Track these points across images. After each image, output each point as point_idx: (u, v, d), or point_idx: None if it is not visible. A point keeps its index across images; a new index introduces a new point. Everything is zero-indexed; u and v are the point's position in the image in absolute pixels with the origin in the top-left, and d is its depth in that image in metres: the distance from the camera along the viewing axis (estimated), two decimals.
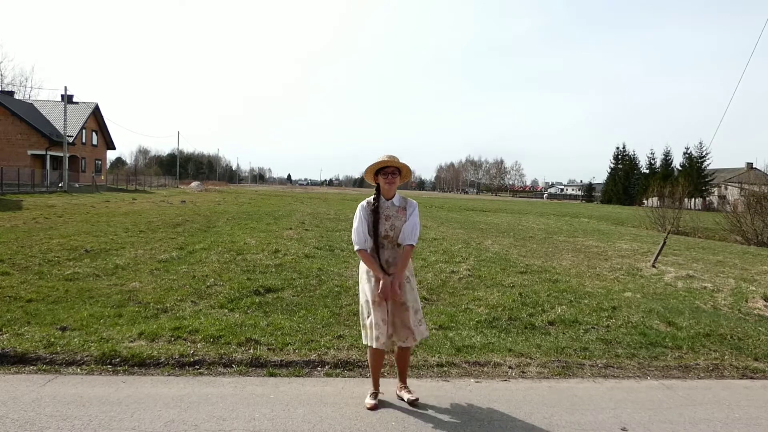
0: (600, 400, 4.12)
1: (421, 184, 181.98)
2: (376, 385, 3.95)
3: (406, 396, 3.91)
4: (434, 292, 7.38)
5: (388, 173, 3.83)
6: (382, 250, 3.83)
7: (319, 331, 5.39)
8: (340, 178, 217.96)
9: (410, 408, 3.82)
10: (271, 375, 4.36)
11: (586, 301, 7.11)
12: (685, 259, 12.45)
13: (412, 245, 3.81)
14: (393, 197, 3.89)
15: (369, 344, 3.76)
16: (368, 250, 3.81)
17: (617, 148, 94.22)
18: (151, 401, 3.73)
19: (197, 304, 6.23)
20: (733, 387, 4.57)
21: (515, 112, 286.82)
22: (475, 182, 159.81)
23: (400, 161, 3.88)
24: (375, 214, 3.82)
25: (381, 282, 3.69)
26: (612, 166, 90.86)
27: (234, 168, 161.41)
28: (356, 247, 3.82)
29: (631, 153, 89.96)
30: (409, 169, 3.98)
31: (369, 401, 3.83)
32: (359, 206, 3.89)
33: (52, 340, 4.72)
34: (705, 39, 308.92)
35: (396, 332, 3.81)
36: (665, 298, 7.69)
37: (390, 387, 4.07)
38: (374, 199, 3.88)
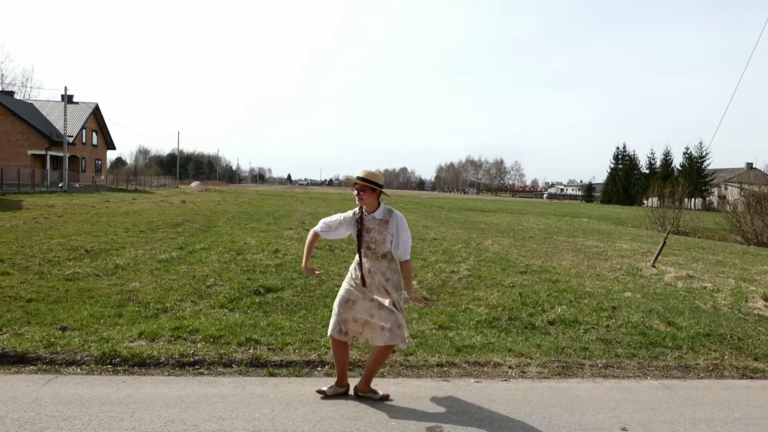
0: (600, 400, 4.12)
1: (421, 184, 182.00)
2: (339, 377, 3.99)
3: (374, 396, 3.92)
4: (434, 292, 7.38)
5: (357, 190, 3.87)
6: (366, 260, 3.88)
7: (319, 331, 5.39)
8: (340, 178, 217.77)
9: (410, 408, 3.82)
10: (271, 375, 4.36)
11: (586, 301, 7.11)
12: (685, 259, 12.45)
13: (407, 260, 3.94)
14: (375, 211, 3.90)
15: (329, 334, 3.95)
16: (320, 235, 4.05)
17: (617, 148, 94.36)
18: (151, 401, 3.73)
19: (197, 304, 6.23)
20: (733, 387, 4.57)
21: (515, 112, 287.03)
22: (475, 182, 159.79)
23: (368, 179, 3.81)
24: (359, 224, 3.88)
25: (305, 266, 3.99)
26: (612, 166, 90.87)
27: (234, 168, 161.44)
28: (316, 228, 4.04)
29: (631, 153, 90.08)
30: (379, 187, 3.86)
31: (321, 387, 3.95)
32: (348, 212, 4.02)
33: (52, 340, 4.72)
34: (705, 39, 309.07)
35: (366, 332, 3.83)
36: (665, 298, 7.69)
37: (391, 387, 4.06)
38: (359, 211, 3.94)
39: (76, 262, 8.45)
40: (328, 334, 3.95)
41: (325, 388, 3.96)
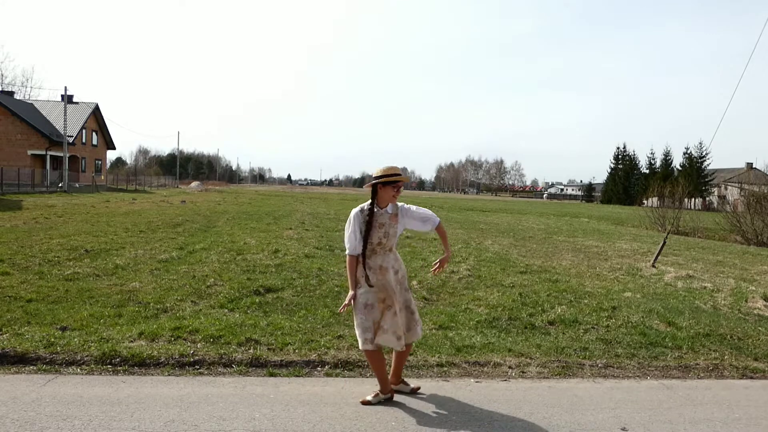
0: (600, 400, 4.12)
1: (421, 184, 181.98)
2: (386, 381, 3.90)
3: (406, 388, 4.01)
4: (434, 292, 7.38)
5: (399, 186, 3.86)
6: (375, 256, 3.85)
7: (319, 331, 5.39)
8: (340, 178, 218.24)
9: (410, 408, 3.82)
10: (271, 375, 4.36)
11: (586, 301, 7.11)
12: (685, 259, 12.45)
13: (438, 222, 4.04)
14: (386, 206, 3.90)
15: (367, 348, 3.74)
16: (358, 257, 3.86)
17: (617, 148, 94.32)
18: (151, 401, 3.73)
19: (197, 304, 6.23)
20: (733, 387, 4.57)
21: (515, 111, 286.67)
22: (475, 182, 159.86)
23: (402, 174, 3.92)
24: (368, 222, 3.81)
25: (349, 294, 3.80)
26: (612, 166, 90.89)
27: (234, 168, 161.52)
28: (348, 252, 3.87)
29: (631, 153, 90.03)
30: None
31: (368, 398, 3.87)
32: (353, 213, 3.89)
33: (52, 340, 4.72)
34: (705, 39, 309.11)
35: (384, 335, 3.77)
36: (665, 298, 7.69)
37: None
38: (369, 207, 3.86)
39: (76, 262, 8.45)
40: (371, 348, 3.74)
41: (370, 398, 3.85)
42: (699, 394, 4.34)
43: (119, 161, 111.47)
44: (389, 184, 3.83)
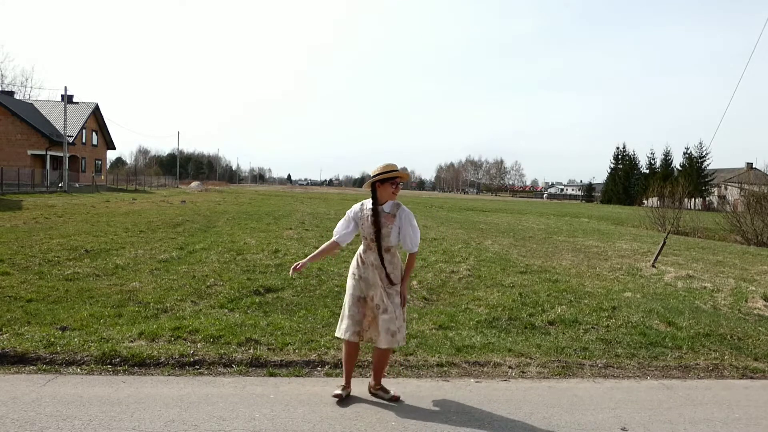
0: (600, 400, 4.12)
1: (421, 184, 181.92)
2: (346, 380, 3.98)
3: (384, 395, 3.96)
4: (434, 292, 7.38)
5: (397, 183, 3.90)
6: (369, 252, 3.89)
7: (319, 331, 5.39)
8: (340, 178, 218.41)
9: (410, 408, 3.82)
10: (271, 375, 4.36)
11: (586, 301, 7.11)
12: (685, 259, 12.45)
13: (414, 252, 3.97)
14: (385, 203, 3.92)
15: (339, 335, 3.92)
16: (340, 244, 4.04)
17: (617, 148, 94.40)
18: (151, 401, 3.73)
19: (197, 304, 6.23)
20: (733, 387, 4.57)
21: (515, 111, 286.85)
22: (475, 182, 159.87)
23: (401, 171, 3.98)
24: (376, 216, 3.84)
25: (300, 262, 4.03)
26: (612, 166, 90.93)
27: (234, 168, 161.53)
28: (334, 237, 4.04)
29: (631, 153, 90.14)
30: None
31: (336, 391, 3.90)
32: (352, 207, 4.04)
33: (52, 340, 4.72)
34: (705, 39, 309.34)
35: (371, 331, 3.86)
36: (665, 298, 7.69)
37: (391, 387, 4.06)
38: (373, 204, 3.89)
39: (76, 262, 8.45)
40: (344, 337, 3.87)
41: (340, 392, 3.89)
42: (699, 394, 4.34)
43: (119, 161, 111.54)
44: (387, 181, 3.86)
